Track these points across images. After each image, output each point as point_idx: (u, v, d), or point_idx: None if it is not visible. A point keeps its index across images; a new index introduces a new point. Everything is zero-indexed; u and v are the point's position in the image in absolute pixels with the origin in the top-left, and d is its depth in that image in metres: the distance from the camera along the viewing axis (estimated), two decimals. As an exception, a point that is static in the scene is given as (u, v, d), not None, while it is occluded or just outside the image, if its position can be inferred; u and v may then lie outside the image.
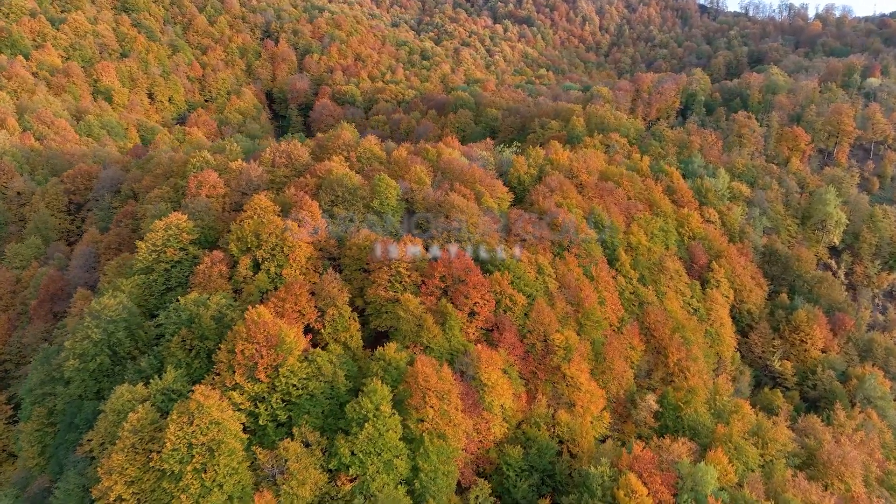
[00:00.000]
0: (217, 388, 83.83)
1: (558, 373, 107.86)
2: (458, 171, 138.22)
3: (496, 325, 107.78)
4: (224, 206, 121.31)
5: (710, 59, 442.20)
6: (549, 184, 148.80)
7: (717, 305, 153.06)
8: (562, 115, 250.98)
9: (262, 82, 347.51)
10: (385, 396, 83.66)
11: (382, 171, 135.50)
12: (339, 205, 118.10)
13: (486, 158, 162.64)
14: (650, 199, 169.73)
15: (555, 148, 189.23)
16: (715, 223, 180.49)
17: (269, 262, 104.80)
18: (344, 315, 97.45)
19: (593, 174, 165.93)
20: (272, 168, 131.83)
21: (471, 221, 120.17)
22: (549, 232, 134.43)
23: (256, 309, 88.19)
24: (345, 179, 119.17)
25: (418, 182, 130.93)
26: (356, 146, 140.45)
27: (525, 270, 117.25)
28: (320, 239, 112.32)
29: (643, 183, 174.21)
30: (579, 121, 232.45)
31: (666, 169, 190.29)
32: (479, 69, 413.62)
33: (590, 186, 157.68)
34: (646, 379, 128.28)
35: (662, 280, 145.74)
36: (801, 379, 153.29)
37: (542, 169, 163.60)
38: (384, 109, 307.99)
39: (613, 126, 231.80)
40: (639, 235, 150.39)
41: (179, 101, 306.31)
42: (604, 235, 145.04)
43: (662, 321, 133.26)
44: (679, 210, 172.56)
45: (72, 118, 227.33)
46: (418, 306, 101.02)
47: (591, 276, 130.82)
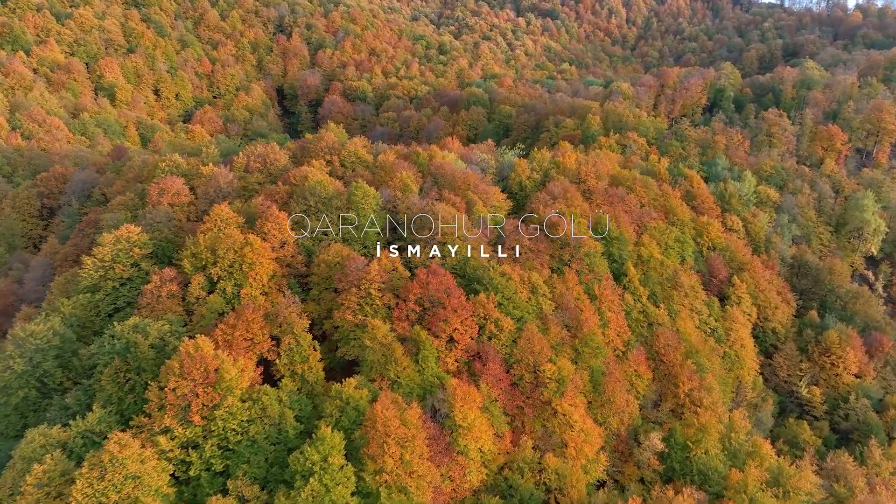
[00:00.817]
0: (145, 431, 73.55)
1: (549, 408, 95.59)
2: (450, 177, 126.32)
3: (478, 354, 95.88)
4: (189, 215, 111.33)
5: (742, 53, 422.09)
6: (551, 190, 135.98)
7: (738, 325, 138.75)
8: (578, 113, 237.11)
9: (272, 78, 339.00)
10: (336, 445, 72.49)
11: (367, 176, 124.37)
12: (311, 215, 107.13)
13: (487, 162, 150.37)
14: (666, 205, 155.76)
15: (564, 149, 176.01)
16: (738, 232, 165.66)
17: (226, 281, 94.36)
18: (302, 344, 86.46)
19: (603, 179, 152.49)
20: (246, 173, 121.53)
21: (457, 234, 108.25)
22: (548, 245, 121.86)
23: (195, 340, 77.60)
24: (318, 187, 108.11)
25: (404, 189, 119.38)
26: (340, 149, 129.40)
27: (516, 290, 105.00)
28: (287, 254, 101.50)
29: (659, 188, 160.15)
30: (595, 119, 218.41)
31: (685, 172, 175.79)
32: (498, 64, 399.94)
33: (598, 193, 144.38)
34: (653, 410, 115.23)
35: (676, 297, 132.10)
36: (831, 408, 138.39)
37: (546, 173, 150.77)
38: (395, 106, 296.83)
39: (632, 125, 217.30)
40: (651, 247, 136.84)
41: (187, 97, 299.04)
42: (611, 248, 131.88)
43: (674, 345, 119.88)
44: (698, 218, 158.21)
45: (69, 116, 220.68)
46: (387, 334, 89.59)
47: (593, 294, 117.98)
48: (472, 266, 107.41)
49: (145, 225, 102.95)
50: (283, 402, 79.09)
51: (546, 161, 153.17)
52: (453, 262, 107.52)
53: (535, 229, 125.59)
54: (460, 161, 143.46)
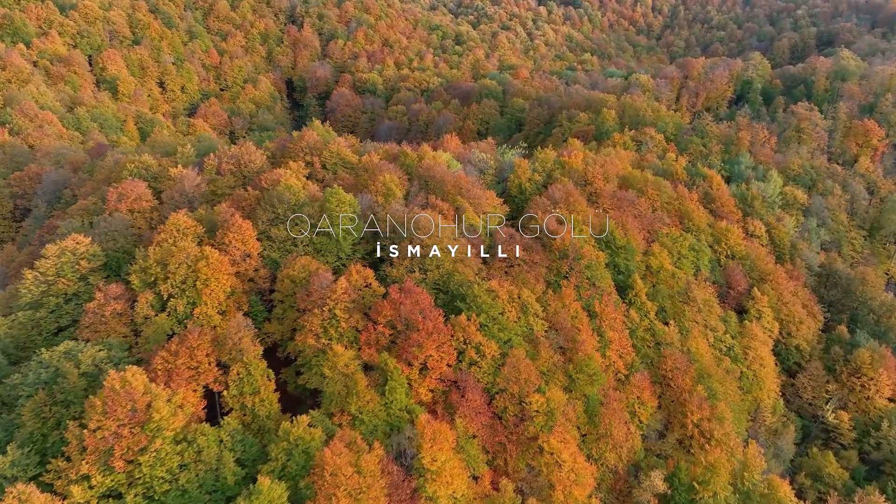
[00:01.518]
0: (63, 477, 64.88)
1: (534, 445, 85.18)
2: (439, 180, 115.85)
3: (456, 384, 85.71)
4: (152, 222, 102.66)
5: (773, 42, 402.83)
6: (551, 194, 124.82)
7: (757, 342, 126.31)
8: (593, 107, 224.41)
9: (281, 70, 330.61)
10: (276, 500, 63.06)
11: (349, 180, 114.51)
12: (279, 224, 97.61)
13: (485, 162, 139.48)
14: (681, 209, 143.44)
15: (573, 147, 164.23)
16: (760, 238, 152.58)
17: (178, 299, 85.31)
18: (253, 374, 77.06)
19: (612, 180, 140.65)
20: (217, 176, 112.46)
21: (441, 246, 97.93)
22: (545, 256, 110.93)
23: (123, 372, 68.62)
24: (286, 193, 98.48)
25: (387, 194, 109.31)
26: (322, 149, 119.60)
27: (503, 309, 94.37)
28: (248, 268, 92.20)
29: (674, 190, 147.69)
30: (610, 113, 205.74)
31: (704, 172, 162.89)
32: (516, 55, 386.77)
33: (605, 196, 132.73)
34: (657, 442, 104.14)
35: (687, 313, 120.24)
36: (860, 435, 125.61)
37: (550, 175, 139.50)
38: (405, 99, 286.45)
39: (650, 120, 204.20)
40: (661, 257, 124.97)
41: (193, 90, 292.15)
42: (616, 258, 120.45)
43: (683, 368, 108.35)
44: (717, 223, 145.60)
45: (65, 110, 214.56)
46: (350, 362, 79.82)
47: (593, 311, 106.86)
48: (457, 282, 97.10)
49: (98, 234, 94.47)
50: (224, 444, 69.88)
51: (550, 161, 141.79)
52: (436, 277, 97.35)
53: (532, 238, 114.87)
54: (455, 162, 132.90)
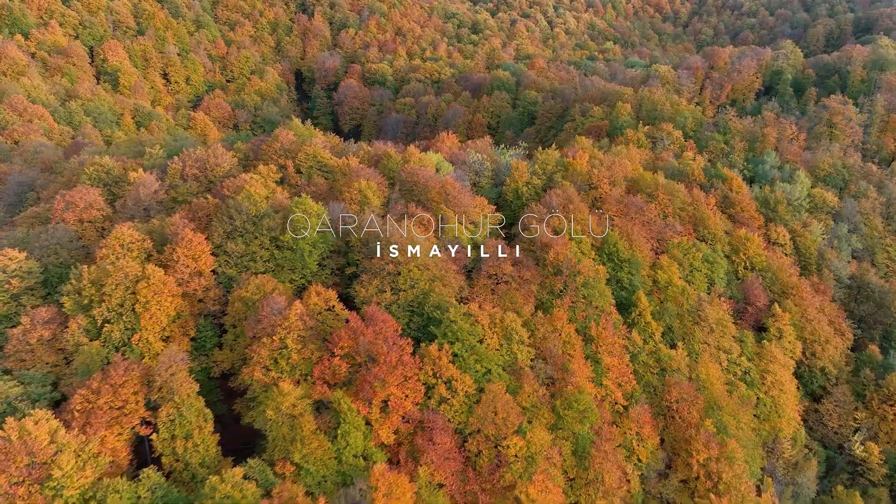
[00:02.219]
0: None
1: (511, 495, 74.98)
2: (423, 186, 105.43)
3: (423, 424, 75.72)
4: (104, 234, 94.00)
5: (807, 30, 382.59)
6: (548, 201, 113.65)
7: (777, 365, 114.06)
8: (608, 100, 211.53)
9: (290, 61, 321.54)
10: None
11: (323, 186, 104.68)
12: (237, 238, 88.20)
13: (481, 163, 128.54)
14: (696, 216, 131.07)
15: (581, 146, 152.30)
16: (784, 246, 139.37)
17: (114, 325, 76.46)
18: (186, 415, 67.88)
19: (619, 184, 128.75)
20: (183, 181, 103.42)
21: (415, 263, 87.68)
22: (537, 272, 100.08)
23: (27, 418, 59.89)
24: (245, 203, 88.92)
25: (362, 202, 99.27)
26: (297, 151, 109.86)
27: (483, 337, 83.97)
28: (198, 288, 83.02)
29: (689, 193, 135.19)
30: (625, 108, 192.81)
31: (724, 173, 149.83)
32: (534, 44, 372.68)
33: (610, 202, 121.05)
34: (658, 482, 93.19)
35: (698, 335, 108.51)
36: (892, 470, 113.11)
37: (551, 178, 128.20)
38: (414, 90, 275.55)
39: (668, 114, 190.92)
40: (670, 271, 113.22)
41: (198, 81, 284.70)
42: (619, 272, 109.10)
43: (690, 399, 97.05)
44: (735, 230, 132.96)
45: (59, 104, 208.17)
46: (297, 402, 70.28)
47: (589, 335, 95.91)
48: (433, 304, 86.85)
49: (38, 247, 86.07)
50: (142, 501, 60.83)
51: (552, 162, 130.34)
52: (410, 298, 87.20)
53: (524, 251, 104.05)
54: (446, 164, 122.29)
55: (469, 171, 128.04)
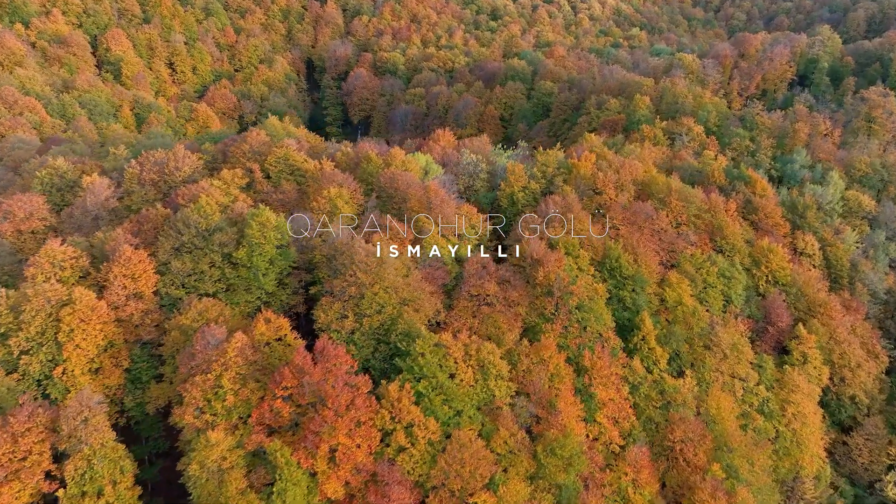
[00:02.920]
0: None
1: (477, 561, 65.12)
2: (403, 194, 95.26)
3: (376, 477, 66.04)
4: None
5: (847, 14, 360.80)
6: (544, 209, 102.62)
7: (799, 395, 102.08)
8: (626, 92, 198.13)
9: (301, 49, 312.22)
10: None
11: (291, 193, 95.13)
12: (184, 255, 79.16)
13: (475, 165, 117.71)
14: (713, 223, 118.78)
15: (589, 143, 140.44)
16: (812, 257, 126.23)
17: (34, 356, 68.04)
18: (98, 468, 59.15)
19: (627, 189, 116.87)
20: (140, 186, 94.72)
21: (381, 285, 77.76)
22: (526, 292, 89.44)
23: None
24: (195, 215, 79.68)
25: (332, 211, 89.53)
26: (267, 154, 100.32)
27: (456, 370, 73.91)
28: (135, 313, 74.22)
29: (707, 198, 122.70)
30: (643, 100, 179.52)
31: (747, 174, 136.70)
32: (556, 30, 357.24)
33: (615, 210, 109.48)
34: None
35: (709, 361, 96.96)
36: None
37: (552, 181, 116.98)
38: (426, 80, 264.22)
39: (689, 108, 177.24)
40: (679, 289, 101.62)
41: (205, 71, 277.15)
42: (621, 291, 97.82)
43: (696, 439, 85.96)
44: (757, 240, 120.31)
45: (56, 95, 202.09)
46: (227, 454, 61.06)
47: (581, 366, 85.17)
48: (401, 332, 76.93)
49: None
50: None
51: (552, 164, 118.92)
52: (376, 325, 77.38)
53: (514, 268, 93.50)
54: (435, 166, 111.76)
55: (462, 175, 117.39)
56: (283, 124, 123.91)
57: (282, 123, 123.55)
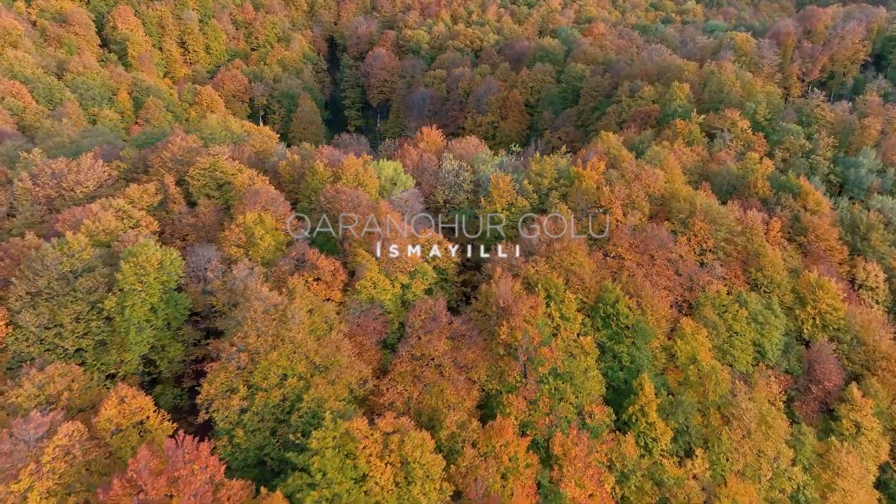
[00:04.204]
0: None
1: None
2: (348, 213, 76.92)
3: None
4: None
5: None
6: (529, 239, 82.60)
7: (848, 480, 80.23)
8: (665, 77, 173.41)
9: (323, 26, 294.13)
10: None
11: (209, 217, 78.05)
12: (41, 304, 63.02)
13: (458, 174, 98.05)
14: (748, 250, 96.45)
15: (603, 143, 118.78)
16: (876, 291, 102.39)
17: None
18: None
19: (641, 206, 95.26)
20: (33, 204, 79.08)
21: (281, 351, 60.07)
22: (485, 351, 70.32)
23: None
24: (52, 254, 63.20)
25: (250, 244, 72.06)
26: (191, 162, 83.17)
27: (369, 471, 55.85)
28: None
29: (743, 216, 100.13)
30: (682, 89, 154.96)
31: (796, 184, 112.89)
32: (601, 4, 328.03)
33: (621, 235, 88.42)
34: None
35: (727, 439, 76.06)
36: None
37: (546, 196, 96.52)
38: (449, 61, 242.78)
39: (735, 98, 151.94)
40: (694, 342, 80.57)
41: (219, 50, 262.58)
42: (617, 345, 77.54)
43: (700, 553, 65.84)
44: (805, 272, 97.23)
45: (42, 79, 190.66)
46: None
47: (549, 454, 65.86)
48: (304, 412, 59.25)
49: None
50: None
51: (550, 174, 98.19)
52: (273, 402, 59.86)
53: (477, 315, 74.47)
54: (405, 177, 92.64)
55: (442, 186, 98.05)
56: (228, 121, 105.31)
57: (227, 120, 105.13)
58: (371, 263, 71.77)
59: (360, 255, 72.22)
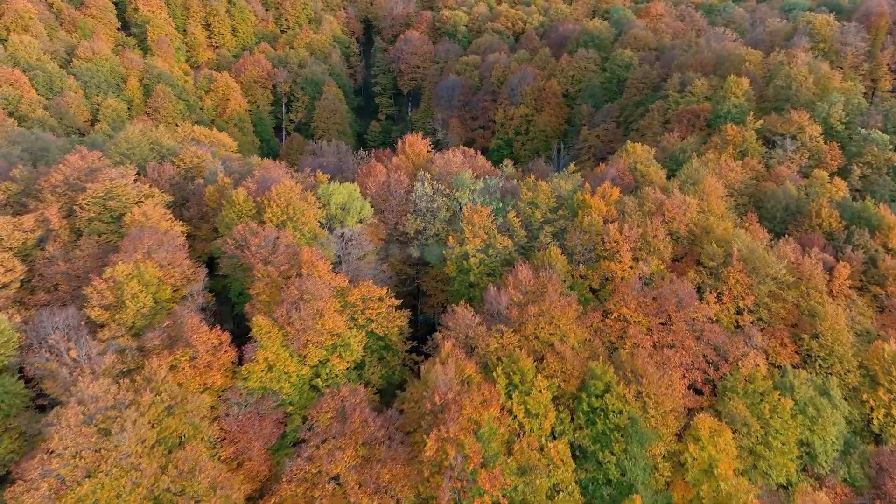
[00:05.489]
0: None
1: None
2: (257, 262, 59.60)
3: None
4: None
5: None
6: (493, 296, 63.17)
7: None
8: (723, 68, 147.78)
9: (357, 6, 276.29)
10: None
11: (86, 260, 62.28)
12: None
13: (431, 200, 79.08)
14: (802, 308, 74.05)
15: (630, 156, 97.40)
16: (976, 365, 77.64)
17: None
18: None
19: (657, 250, 73.87)
20: None
21: (101, 480, 43.60)
22: (408, 468, 52.00)
23: None
24: None
25: (119, 305, 55.84)
26: (80, 188, 67.24)
27: None
28: None
29: (799, 261, 77.46)
30: (740, 84, 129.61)
31: (875, 216, 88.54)
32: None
33: (625, 292, 67.71)
34: None
35: None
36: None
37: (538, 234, 76.41)
38: (484, 46, 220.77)
39: (806, 96, 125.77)
40: (712, 448, 59.64)
41: (246, 33, 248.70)
42: (600, 453, 57.73)
43: None
44: (878, 339, 74.13)
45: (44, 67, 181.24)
46: None
47: None
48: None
49: None
50: None
51: (546, 203, 77.82)
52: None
53: (409, 414, 56.31)
54: (359, 203, 74.33)
55: (413, 214, 79.53)
56: (140, 130, 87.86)
57: (140, 130, 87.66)
58: (270, 337, 54.36)
59: (258, 323, 54.84)
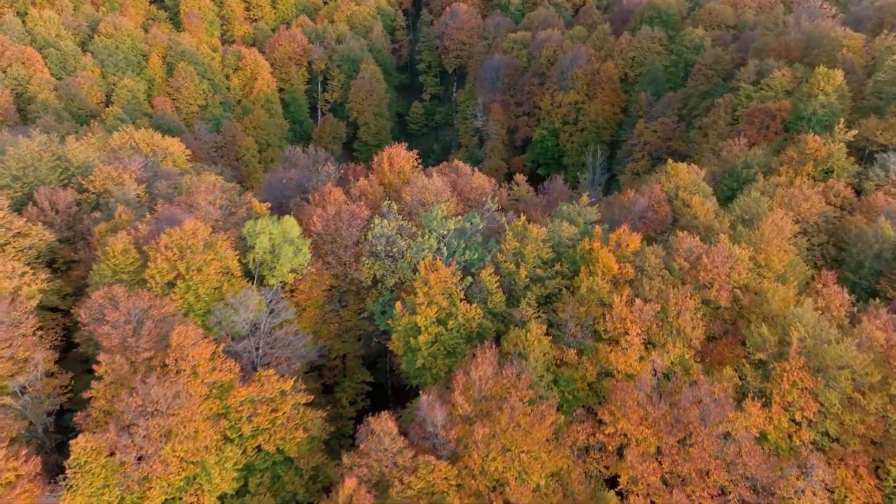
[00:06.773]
0: None
1: None
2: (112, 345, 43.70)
3: None
4: None
5: None
6: (432, 416, 45.07)
7: None
8: (813, 55, 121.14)
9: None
10: None
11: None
12: None
13: (393, 241, 61.29)
14: (890, 418, 52.48)
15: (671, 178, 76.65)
16: None
17: None
18: None
19: (688, 333, 53.51)
20: None
21: None
22: None
23: None
24: None
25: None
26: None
27: None
28: None
29: (892, 337, 55.51)
30: (831, 77, 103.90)
31: None
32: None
33: (629, 401, 48.22)
34: None
35: None
36: None
37: (519, 297, 57.29)
38: (537, 20, 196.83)
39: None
40: None
41: (286, 5, 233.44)
42: None
43: None
44: None
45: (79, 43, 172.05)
46: None
47: None
48: None
49: None
50: None
51: (537, 255, 58.47)
52: None
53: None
54: (294, 246, 57.55)
55: (369, 258, 62.10)
56: (69, 141, 72.12)
57: (63, 140, 72.22)
58: (91, 470, 38.61)
59: (78, 446, 39.11)
